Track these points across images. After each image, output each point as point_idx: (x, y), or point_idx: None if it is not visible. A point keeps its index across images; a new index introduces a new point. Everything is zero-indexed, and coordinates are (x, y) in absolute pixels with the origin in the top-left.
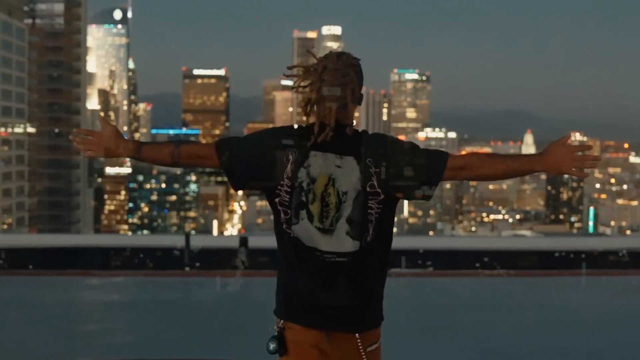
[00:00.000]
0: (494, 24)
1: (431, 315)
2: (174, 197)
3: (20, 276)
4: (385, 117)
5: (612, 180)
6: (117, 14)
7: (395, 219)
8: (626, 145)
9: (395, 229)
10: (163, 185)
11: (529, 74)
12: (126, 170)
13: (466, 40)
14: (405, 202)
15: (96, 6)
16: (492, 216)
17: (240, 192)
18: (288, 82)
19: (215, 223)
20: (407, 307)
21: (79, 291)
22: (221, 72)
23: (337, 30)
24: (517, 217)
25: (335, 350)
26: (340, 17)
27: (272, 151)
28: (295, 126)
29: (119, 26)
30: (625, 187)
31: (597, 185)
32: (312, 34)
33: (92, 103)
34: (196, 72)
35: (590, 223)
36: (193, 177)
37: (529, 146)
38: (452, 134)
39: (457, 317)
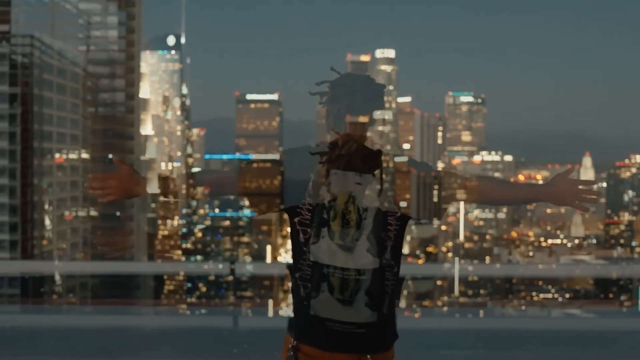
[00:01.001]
0: (549, 46)
1: (486, 344)
2: (227, 222)
3: (70, 305)
4: (440, 141)
5: None
6: (171, 40)
7: (451, 243)
8: None
9: (450, 254)
10: (216, 211)
11: (586, 94)
12: None
13: (521, 62)
14: (461, 226)
15: (150, 32)
16: (550, 241)
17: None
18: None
19: (268, 248)
20: (460, 336)
21: (128, 319)
22: (274, 96)
23: (390, 53)
24: (576, 241)
25: None
26: (394, 39)
27: (295, 171)
28: (316, 145)
29: (173, 52)
30: None
31: None
32: (365, 57)
33: (146, 129)
34: (249, 96)
35: None
36: (247, 202)
37: (587, 169)
38: (508, 157)
39: (512, 345)
